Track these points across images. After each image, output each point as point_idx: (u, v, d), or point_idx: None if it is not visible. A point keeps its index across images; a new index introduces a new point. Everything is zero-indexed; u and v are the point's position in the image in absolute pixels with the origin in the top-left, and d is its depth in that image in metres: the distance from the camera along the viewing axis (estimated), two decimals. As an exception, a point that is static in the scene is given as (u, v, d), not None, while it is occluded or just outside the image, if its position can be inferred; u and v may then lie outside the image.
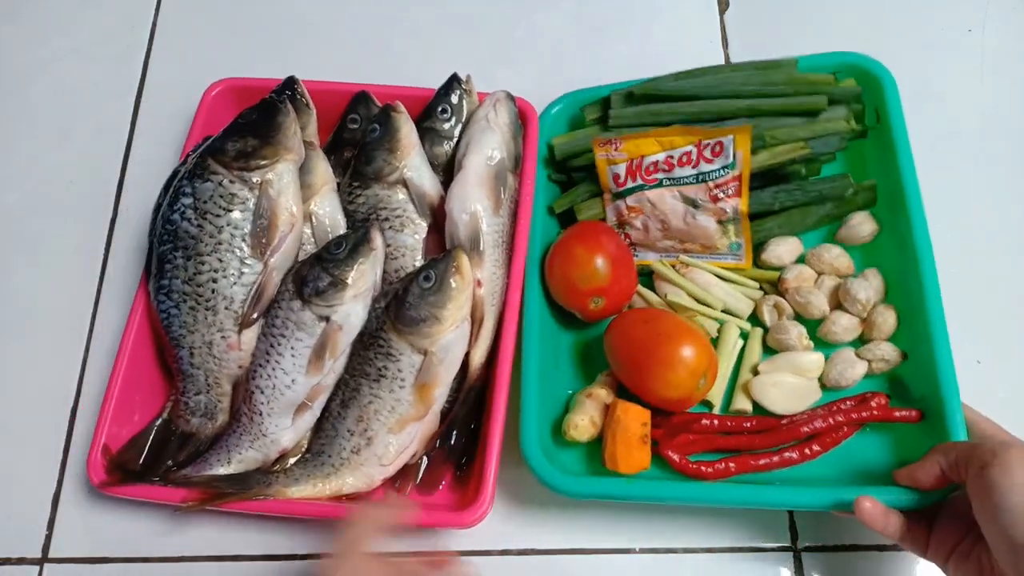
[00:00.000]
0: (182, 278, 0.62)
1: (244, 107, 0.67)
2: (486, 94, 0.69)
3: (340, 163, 0.70)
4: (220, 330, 0.61)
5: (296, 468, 0.61)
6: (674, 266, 0.68)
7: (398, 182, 0.66)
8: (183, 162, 0.66)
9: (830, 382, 0.62)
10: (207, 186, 0.62)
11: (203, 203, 0.62)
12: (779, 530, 0.61)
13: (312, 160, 0.66)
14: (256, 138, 0.63)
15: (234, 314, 0.61)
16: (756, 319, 0.66)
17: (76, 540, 0.63)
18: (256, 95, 0.68)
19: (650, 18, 0.83)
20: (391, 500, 0.61)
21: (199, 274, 0.61)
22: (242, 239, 0.61)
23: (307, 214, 0.65)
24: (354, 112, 0.71)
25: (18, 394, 0.69)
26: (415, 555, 0.60)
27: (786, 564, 0.60)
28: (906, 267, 0.62)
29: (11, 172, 0.78)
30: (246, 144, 0.63)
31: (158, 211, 0.65)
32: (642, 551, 0.61)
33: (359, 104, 0.71)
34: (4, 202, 0.77)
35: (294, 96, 0.69)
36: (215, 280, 0.61)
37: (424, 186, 0.66)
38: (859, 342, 0.64)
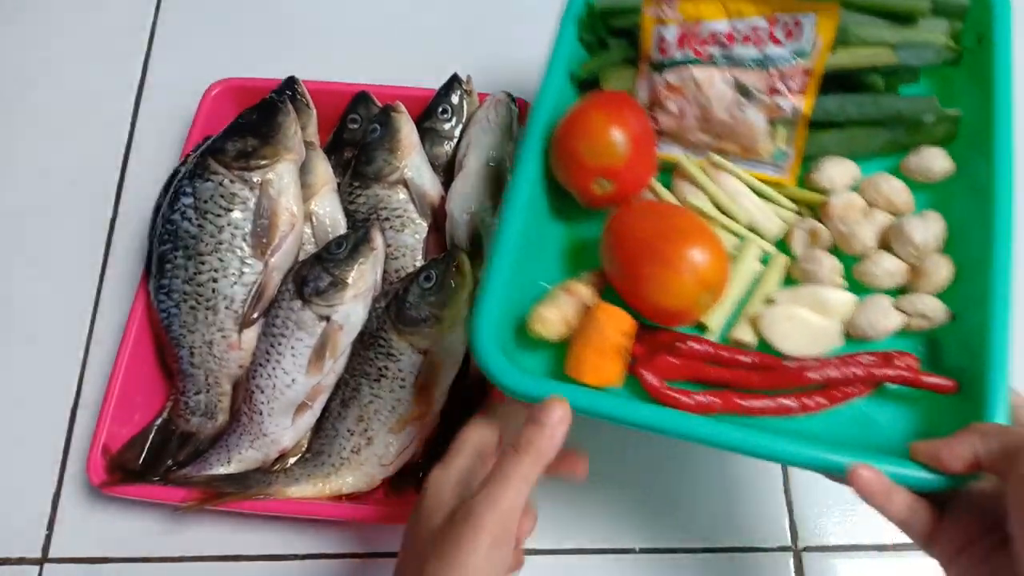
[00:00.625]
0: (182, 278, 0.62)
1: (244, 107, 0.67)
2: (487, 94, 0.69)
3: (340, 163, 0.70)
4: (220, 330, 0.61)
5: (296, 468, 0.61)
6: (702, 166, 0.57)
7: (398, 182, 0.66)
8: (183, 162, 0.66)
9: (856, 330, 0.51)
10: (207, 186, 0.62)
11: (203, 203, 0.62)
12: (779, 530, 0.61)
13: (312, 160, 0.66)
14: (256, 138, 0.63)
15: (234, 314, 0.61)
16: (784, 247, 0.55)
17: (76, 540, 0.63)
18: (256, 95, 0.69)
19: None
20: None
21: (199, 274, 0.61)
22: (242, 239, 0.61)
23: (307, 214, 0.65)
24: (354, 112, 0.71)
25: (18, 394, 0.69)
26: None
27: (786, 564, 0.60)
28: (977, 218, 0.51)
29: (11, 172, 0.78)
30: (246, 144, 0.63)
31: (158, 211, 0.65)
32: (642, 551, 0.61)
33: (359, 104, 0.71)
34: (4, 202, 0.77)
35: (294, 96, 0.69)
36: (215, 280, 0.61)
37: (425, 186, 0.66)
38: (900, 292, 0.53)
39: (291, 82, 0.70)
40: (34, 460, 0.66)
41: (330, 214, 0.66)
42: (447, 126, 0.69)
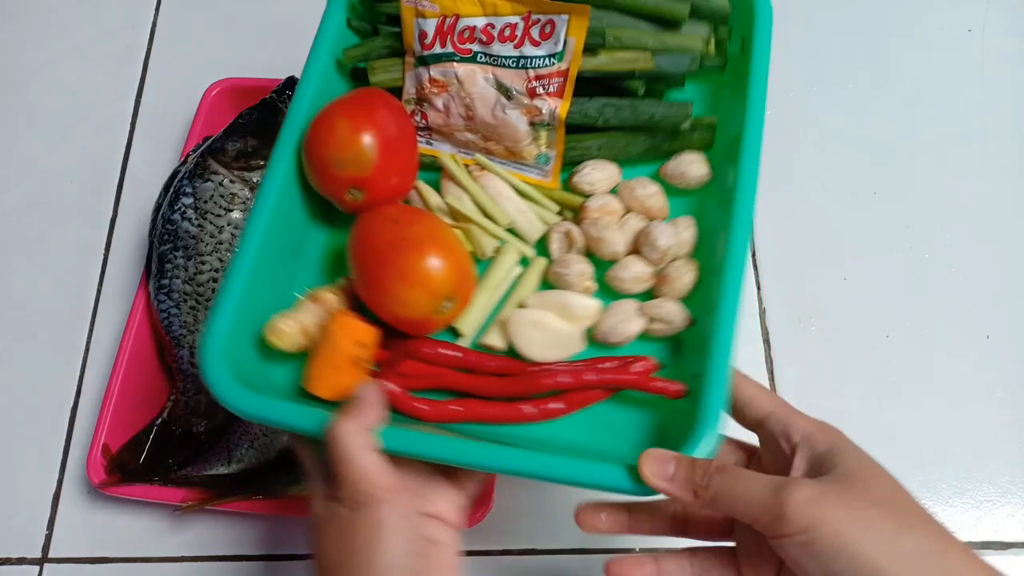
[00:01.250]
0: (183, 278, 0.62)
1: (244, 107, 0.67)
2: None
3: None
4: (220, 330, 0.61)
5: (295, 468, 0.61)
6: (468, 166, 0.55)
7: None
8: (183, 162, 0.66)
9: (599, 335, 0.50)
10: (207, 186, 0.62)
11: (203, 203, 0.62)
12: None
13: (312, 160, 0.66)
14: (256, 138, 0.63)
15: (234, 314, 0.61)
16: (544, 249, 0.54)
17: (76, 540, 0.63)
18: (256, 95, 0.69)
19: None
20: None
21: (200, 274, 0.61)
22: (242, 239, 0.62)
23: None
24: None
25: (18, 394, 0.69)
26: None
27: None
28: (721, 225, 0.50)
29: (11, 172, 0.78)
30: (246, 144, 0.63)
31: (158, 211, 0.65)
32: (642, 551, 0.61)
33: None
34: (4, 202, 0.77)
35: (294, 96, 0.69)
36: (216, 280, 0.61)
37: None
38: (649, 297, 0.52)
39: (291, 82, 0.70)
40: (34, 460, 0.66)
41: (330, 214, 0.66)
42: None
